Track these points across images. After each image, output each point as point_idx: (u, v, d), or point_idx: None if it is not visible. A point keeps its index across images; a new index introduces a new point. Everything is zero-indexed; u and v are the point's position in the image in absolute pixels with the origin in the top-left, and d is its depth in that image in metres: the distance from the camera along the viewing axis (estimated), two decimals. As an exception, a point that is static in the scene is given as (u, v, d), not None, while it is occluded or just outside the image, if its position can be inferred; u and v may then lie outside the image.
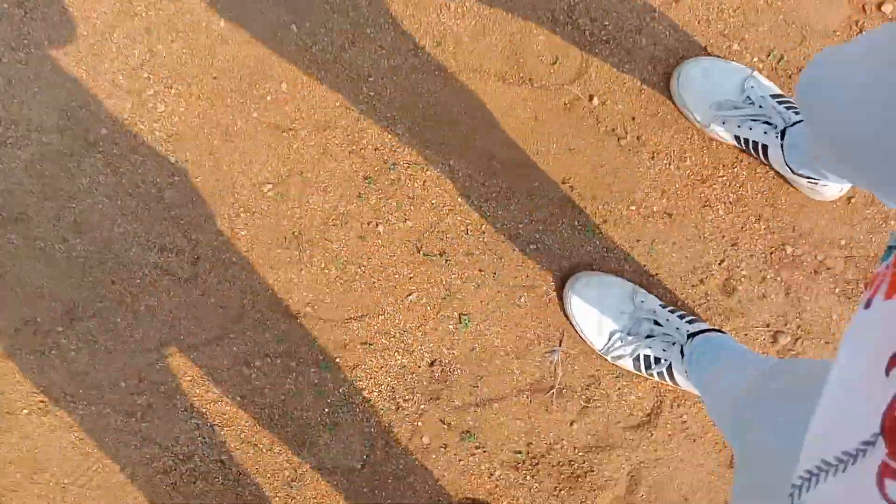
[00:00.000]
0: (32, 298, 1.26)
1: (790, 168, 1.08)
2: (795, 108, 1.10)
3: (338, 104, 1.24)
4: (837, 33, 1.19)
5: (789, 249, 1.19)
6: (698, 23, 1.20)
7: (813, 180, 1.10)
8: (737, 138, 1.13)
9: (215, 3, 1.22)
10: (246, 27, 1.23)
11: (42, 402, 1.26)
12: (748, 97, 1.11)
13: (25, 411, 1.27)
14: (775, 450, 0.63)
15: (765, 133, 1.08)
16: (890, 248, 0.44)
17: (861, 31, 1.19)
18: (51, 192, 1.25)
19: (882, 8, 1.17)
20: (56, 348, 1.26)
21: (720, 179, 1.20)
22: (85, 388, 1.26)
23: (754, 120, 1.09)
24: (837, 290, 1.19)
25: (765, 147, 1.10)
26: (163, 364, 1.25)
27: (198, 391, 1.25)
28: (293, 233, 1.25)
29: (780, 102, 1.10)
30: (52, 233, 1.25)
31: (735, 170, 1.20)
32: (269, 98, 1.24)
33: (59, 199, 1.25)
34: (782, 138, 1.06)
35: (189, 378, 1.26)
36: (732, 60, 1.18)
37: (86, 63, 1.24)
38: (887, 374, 0.37)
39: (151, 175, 1.25)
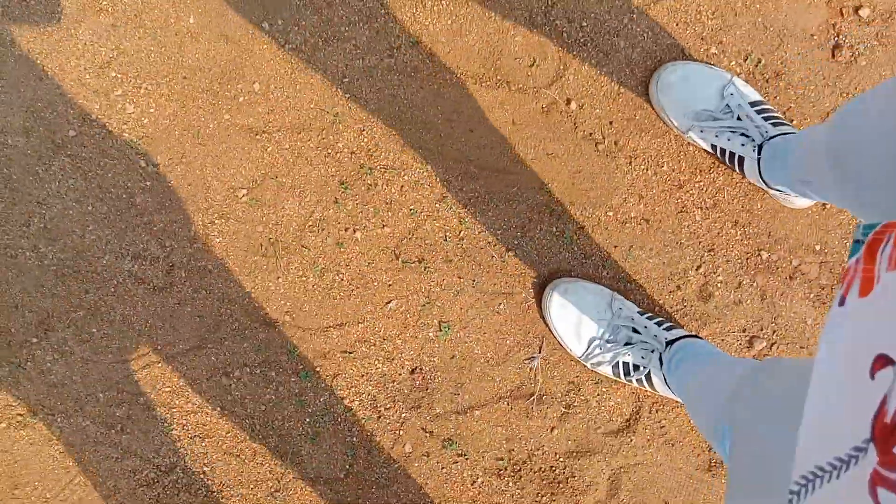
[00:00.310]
0: (5, 309, 1.23)
1: (765, 182, 1.08)
2: (773, 118, 1.09)
3: (312, 106, 1.21)
4: (815, 36, 1.19)
5: (765, 255, 1.20)
6: (676, 25, 1.19)
7: (786, 193, 1.10)
8: (713, 147, 1.13)
9: None
10: (216, 24, 1.19)
11: (20, 415, 1.24)
12: (727, 105, 1.11)
13: (3, 425, 1.25)
14: (766, 452, 0.64)
15: (742, 145, 1.08)
16: (857, 241, 0.44)
17: (838, 35, 1.18)
18: (19, 197, 1.22)
19: (859, 12, 1.17)
20: (31, 360, 1.24)
21: (697, 185, 1.20)
22: (63, 400, 1.24)
23: (732, 131, 1.09)
24: (812, 296, 1.21)
25: (741, 159, 1.09)
26: (141, 375, 1.24)
27: (177, 402, 1.24)
28: (269, 239, 1.23)
29: (759, 112, 1.09)
30: (22, 240, 1.22)
31: (712, 175, 1.20)
32: (241, 99, 1.21)
33: (27, 203, 1.22)
34: (759, 152, 1.06)
35: (168, 389, 1.24)
36: (712, 65, 1.17)
37: (51, 60, 1.20)
38: (872, 376, 0.37)
39: (122, 179, 1.22)
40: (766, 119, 1.10)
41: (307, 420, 1.25)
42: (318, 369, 1.24)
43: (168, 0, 1.18)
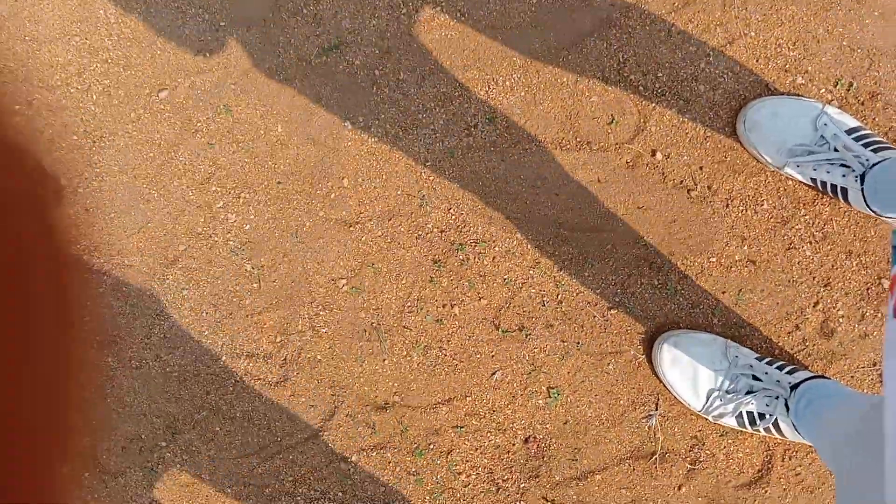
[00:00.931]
0: (134, 416, 1.31)
1: (874, 212, 1.03)
2: (874, 143, 1.04)
3: (399, 192, 1.25)
4: (907, 49, 1.13)
5: (886, 283, 1.13)
6: (756, 61, 1.16)
7: (904, 220, 1.05)
8: (813, 180, 1.09)
9: (270, 111, 1.26)
10: (302, 129, 1.26)
11: (157, 518, 1.32)
12: (822, 136, 1.07)
13: (143, 527, 1.32)
14: (867, 488, 0.61)
15: (843, 176, 1.04)
16: (895, 248, 0.42)
17: (934, 44, 1.12)
18: (139, 312, 1.31)
19: (955, 18, 1.11)
20: (162, 463, 1.31)
21: (802, 219, 1.15)
22: (194, 498, 1.30)
23: (831, 163, 1.05)
24: (948, 323, 1.13)
25: (844, 190, 1.05)
26: (264, 468, 1.29)
27: (301, 490, 1.28)
28: (372, 324, 1.26)
29: (857, 139, 1.05)
30: (145, 351, 1.31)
31: (817, 207, 1.15)
32: (332, 195, 1.26)
33: (147, 317, 1.30)
34: (862, 182, 1.02)
35: (291, 478, 1.28)
36: (800, 96, 1.13)
37: (156, 183, 1.29)
38: None
39: (231, 284, 1.29)
40: (865, 146, 1.05)
41: (426, 498, 1.26)
42: (431, 447, 1.25)
43: (256, 114, 1.26)
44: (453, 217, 1.24)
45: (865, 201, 1.04)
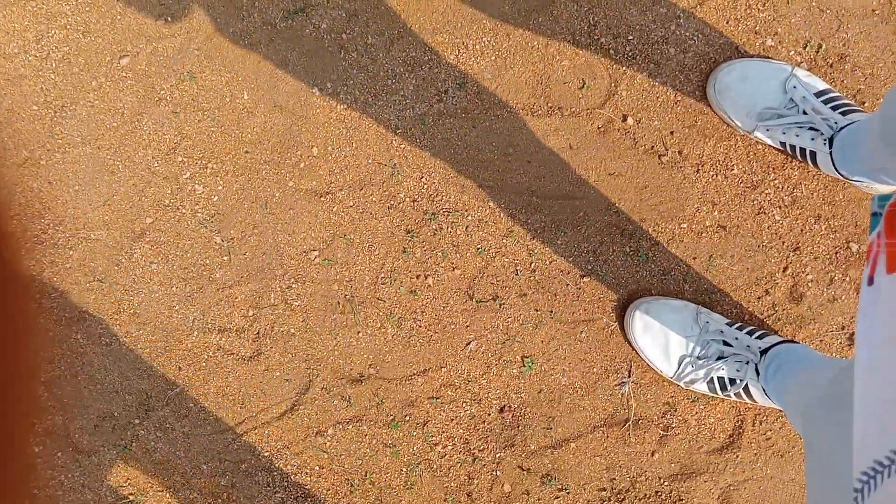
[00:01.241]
0: (106, 394, 1.29)
1: (842, 175, 1.03)
2: (843, 106, 1.04)
3: (370, 161, 1.23)
4: (876, 11, 1.13)
5: (854, 247, 1.14)
6: (727, 23, 1.15)
7: (866, 182, 1.05)
8: (783, 144, 1.09)
9: (236, 77, 1.23)
10: (269, 96, 1.23)
11: (130, 495, 1.30)
12: (791, 99, 1.06)
13: (116, 504, 1.31)
14: (836, 452, 0.61)
15: (812, 139, 1.04)
16: (875, 214, 0.42)
17: (903, 6, 1.12)
18: (107, 287, 1.28)
19: (924, -21, 1.10)
20: (135, 440, 1.29)
21: (772, 184, 1.15)
22: (169, 475, 1.29)
23: (800, 127, 1.04)
24: (915, 284, 1.14)
25: (813, 153, 1.05)
26: (240, 443, 1.28)
27: (277, 465, 1.27)
28: (345, 296, 1.25)
29: (826, 102, 1.04)
30: (115, 327, 1.28)
31: (786, 171, 1.15)
32: (302, 165, 1.24)
33: (115, 292, 1.28)
34: (830, 145, 1.01)
35: (267, 453, 1.27)
36: (769, 58, 1.13)
37: (120, 154, 1.26)
38: None
39: (200, 258, 1.27)
40: (834, 108, 1.05)
41: (403, 470, 1.26)
42: (407, 418, 1.25)
43: (222, 80, 1.23)
44: (425, 186, 1.23)
45: (834, 165, 1.04)
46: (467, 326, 1.23)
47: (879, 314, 0.39)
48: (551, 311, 1.21)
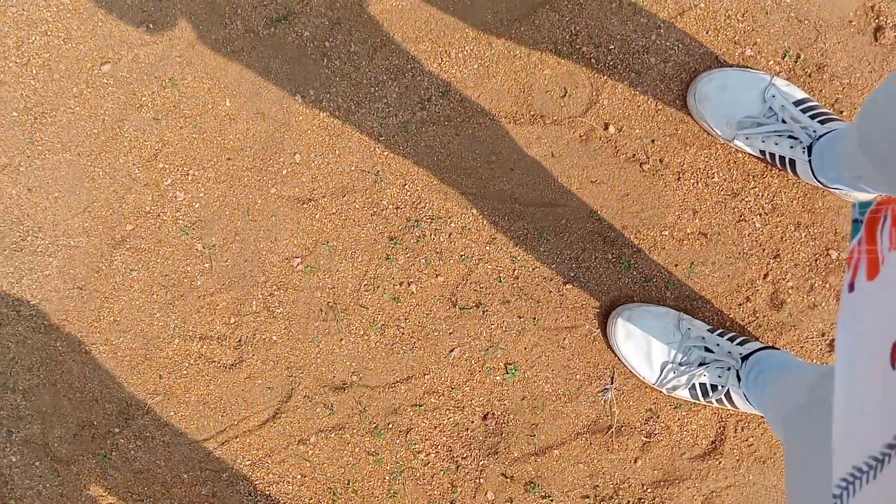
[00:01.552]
0: (85, 403, 1.28)
1: (821, 183, 1.04)
2: (821, 115, 1.06)
3: (353, 168, 1.23)
4: (853, 22, 1.15)
5: (834, 254, 1.15)
6: (707, 33, 1.16)
7: (845, 190, 1.06)
8: (762, 152, 1.10)
9: (218, 84, 1.22)
10: (251, 103, 1.23)
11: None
12: (770, 108, 1.07)
13: (94, 515, 1.29)
14: (816, 458, 0.62)
15: (791, 148, 1.05)
16: (856, 221, 0.42)
17: (878, 17, 1.14)
18: (86, 295, 1.27)
19: (898, -9, 1.12)
20: (115, 449, 1.28)
21: (752, 191, 1.16)
22: (149, 484, 1.27)
23: (779, 135, 1.06)
24: (892, 291, 1.15)
25: (792, 161, 1.06)
26: (221, 451, 1.26)
27: (259, 474, 1.26)
28: (328, 303, 1.25)
29: (804, 111, 1.06)
30: (94, 335, 1.27)
31: (766, 179, 1.16)
32: (284, 172, 1.24)
33: (95, 300, 1.27)
34: (809, 153, 1.03)
35: (248, 462, 1.26)
36: (749, 68, 1.14)
37: (101, 161, 1.25)
38: (893, 366, 0.36)
39: (182, 264, 1.26)
40: (813, 117, 1.06)
41: (386, 478, 1.25)
42: (390, 426, 1.24)
43: (204, 87, 1.23)
44: (408, 193, 1.23)
45: (813, 172, 1.05)
46: (450, 333, 1.23)
47: (860, 320, 0.40)
48: (534, 318, 1.21)
